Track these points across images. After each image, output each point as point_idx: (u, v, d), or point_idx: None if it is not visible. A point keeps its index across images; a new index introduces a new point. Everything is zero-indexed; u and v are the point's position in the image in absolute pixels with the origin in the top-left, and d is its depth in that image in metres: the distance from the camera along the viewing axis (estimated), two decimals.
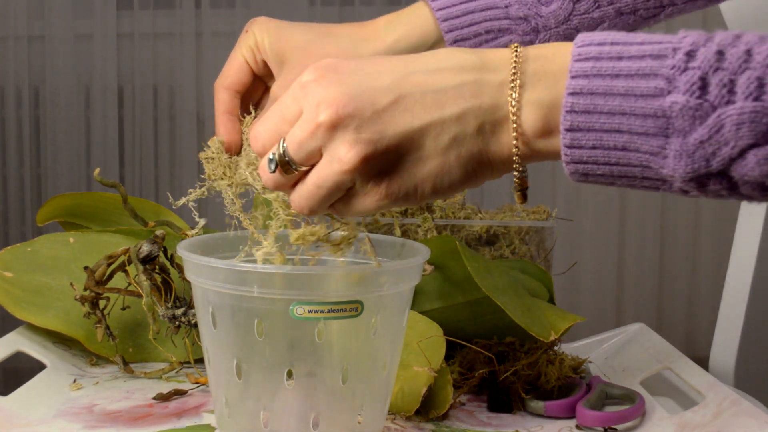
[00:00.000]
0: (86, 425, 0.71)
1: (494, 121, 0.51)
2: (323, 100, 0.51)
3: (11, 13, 2.58)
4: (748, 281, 1.03)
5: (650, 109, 0.46)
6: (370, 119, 0.50)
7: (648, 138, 0.47)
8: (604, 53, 0.48)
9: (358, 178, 0.52)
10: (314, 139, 0.51)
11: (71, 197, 0.97)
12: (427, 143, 0.51)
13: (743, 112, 0.44)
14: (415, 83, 0.51)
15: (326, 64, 0.52)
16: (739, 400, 0.73)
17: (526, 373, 0.78)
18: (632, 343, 0.94)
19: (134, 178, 2.62)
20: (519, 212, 0.97)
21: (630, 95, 0.47)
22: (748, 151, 0.45)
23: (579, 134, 0.48)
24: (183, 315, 0.78)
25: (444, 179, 0.52)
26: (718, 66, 0.45)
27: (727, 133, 0.45)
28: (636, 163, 0.48)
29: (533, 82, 0.50)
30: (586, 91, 0.48)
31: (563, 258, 2.54)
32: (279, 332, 0.61)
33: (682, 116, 0.46)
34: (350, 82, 0.51)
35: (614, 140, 0.48)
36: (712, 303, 2.67)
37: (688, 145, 0.46)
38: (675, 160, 0.47)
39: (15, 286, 0.87)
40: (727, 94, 0.45)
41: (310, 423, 0.62)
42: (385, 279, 0.61)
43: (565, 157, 0.49)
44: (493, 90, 0.51)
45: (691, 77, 0.46)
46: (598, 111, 0.48)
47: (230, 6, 2.63)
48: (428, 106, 0.51)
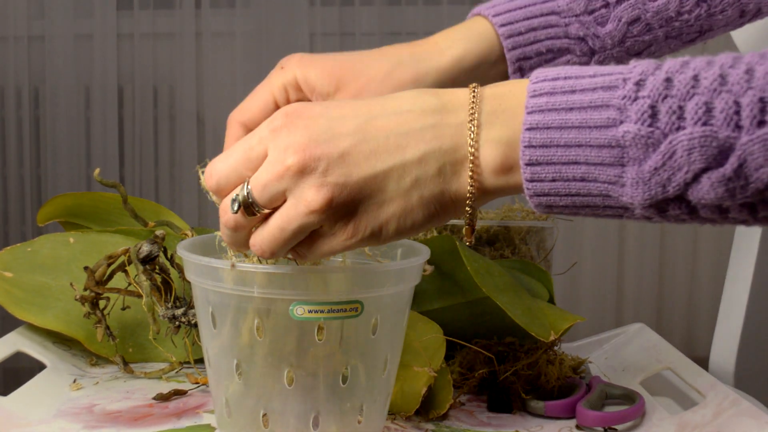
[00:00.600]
0: (86, 425, 0.71)
1: (454, 162, 0.52)
2: (291, 145, 0.52)
3: (11, 13, 2.58)
4: (748, 281, 1.03)
5: (604, 140, 0.47)
6: (336, 163, 0.52)
7: (605, 168, 0.48)
8: (557, 88, 0.50)
9: (325, 221, 0.52)
10: (281, 182, 0.52)
11: (72, 197, 0.97)
12: (390, 186, 0.52)
13: (693, 137, 0.45)
14: (378, 127, 0.53)
15: (295, 110, 0.54)
16: (739, 400, 0.73)
17: (526, 373, 0.78)
18: (632, 343, 0.94)
19: (134, 178, 2.62)
20: (519, 212, 0.97)
21: (584, 127, 0.48)
22: (701, 175, 0.46)
23: (538, 168, 0.50)
24: (183, 315, 0.78)
25: (407, 220, 0.53)
26: (667, 93, 0.46)
27: (680, 158, 0.46)
28: (596, 192, 0.49)
29: (491, 120, 0.51)
30: (542, 126, 0.49)
31: (563, 258, 2.54)
32: (279, 332, 0.61)
33: (635, 145, 0.47)
34: (317, 127, 0.52)
35: (572, 172, 0.49)
36: (712, 303, 2.67)
37: (644, 173, 0.47)
38: (632, 188, 0.48)
39: (15, 286, 0.87)
40: (677, 121, 0.46)
41: (310, 423, 0.62)
42: (385, 279, 0.61)
43: (527, 190, 0.51)
44: (452, 131, 0.52)
45: (641, 106, 0.47)
46: (555, 144, 0.49)
47: (230, 6, 2.63)
48: (391, 150, 0.52)
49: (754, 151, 0.44)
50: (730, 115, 0.44)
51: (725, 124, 0.45)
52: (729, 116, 0.44)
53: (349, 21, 2.63)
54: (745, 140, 0.44)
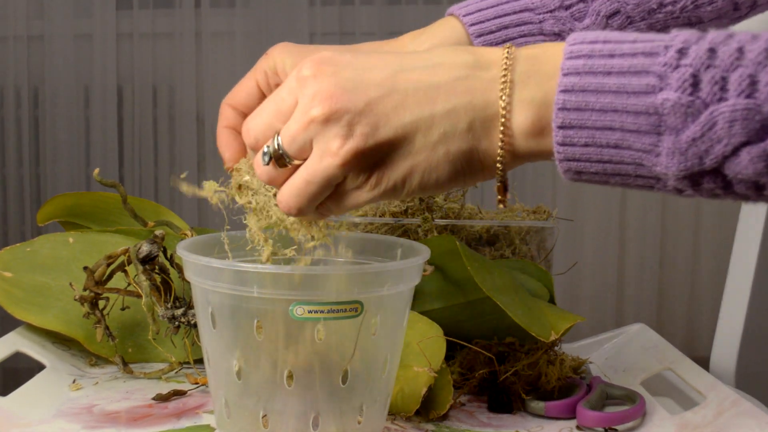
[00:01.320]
0: (86, 425, 0.71)
1: (485, 118, 0.51)
2: (317, 94, 0.51)
3: (11, 13, 2.58)
4: (748, 281, 1.02)
5: (642, 106, 0.46)
6: (363, 113, 0.51)
7: (640, 135, 0.47)
8: (596, 51, 0.48)
9: (349, 171, 0.52)
10: (307, 132, 0.52)
11: (72, 197, 0.97)
12: (418, 138, 0.51)
13: (735, 109, 0.44)
14: (407, 79, 0.52)
15: (322, 57, 0.53)
16: (740, 400, 0.72)
17: (526, 374, 0.78)
18: (632, 344, 0.94)
19: (134, 178, 2.62)
20: (519, 212, 0.97)
21: (622, 92, 0.47)
22: (741, 148, 0.45)
23: (571, 131, 0.48)
24: (183, 315, 0.77)
25: (432, 174, 0.52)
26: (710, 63, 0.45)
27: (720, 130, 0.45)
28: (629, 160, 0.48)
29: (524, 80, 0.50)
30: (578, 89, 0.48)
31: (563, 258, 2.54)
32: (279, 332, 0.61)
33: (674, 113, 0.46)
34: (345, 76, 0.52)
35: (606, 138, 0.48)
36: (713, 303, 2.67)
37: (681, 143, 0.46)
38: (668, 158, 0.46)
39: (14, 286, 0.86)
40: (720, 92, 0.45)
41: (310, 423, 0.62)
42: (385, 279, 0.61)
43: (558, 154, 0.49)
44: (484, 86, 0.51)
45: (682, 74, 0.45)
46: (590, 108, 0.47)
47: (230, 6, 2.63)
48: (420, 102, 0.51)
49: None
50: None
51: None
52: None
53: (349, 21, 2.63)
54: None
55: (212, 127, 2.61)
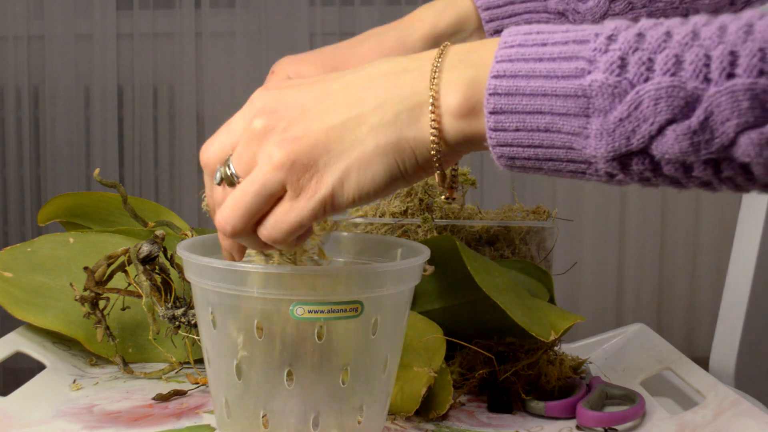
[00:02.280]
0: (86, 425, 0.71)
1: (413, 106, 0.51)
2: (259, 110, 0.54)
3: (11, 13, 2.58)
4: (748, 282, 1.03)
5: (571, 89, 0.47)
6: (297, 119, 0.52)
7: (569, 118, 0.47)
8: (528, 40, 0.49)
9: (286, 178, 0.52)
10: (250, 146, 0.53)
11: (72, 197, 0.97)
12: (348, 136, 0.52)
13: (660, 87, 0.45)
14: (342, 85, 0.53)
15: (273, 84, 0.55)
16: (740, 400, 0.72)
17: (526, 374, 0.78)
18: (632, 344, 0.94)
19: (134, 178, 2.62)
20: (519, 212, 0.97)
21: (552, 77, 0.47)
22: (666, 127, 0.45)
23: (502, 117, 0.49)
24: (183, 315, 0.78)
25: (367, 172, 0.52)
26: (638, 46, 0.46)
27: (646, 109, 0.45)
28: (559, 144, 0.48)
29: (455, 65, 0.51)
30: (509, 74, 0.48)
31: (563, 258, 2.54)
32: (279, 332, 0.61)
33: (601, 94, 0.46)
34: (286, 92, 0.54)
35: (536, 121, 0.48)
36: (713, 303, 2.67)
37: (608, 124, 0.46)
38: (596, 140, 0.47)
39: (15, 287, 0.86)
40: (646, 72, 0.45)
41: (310, 423, 0.62)
42: (385, 279, 0.61)
43: (490, 140, 0.50)
44: (413, 78, 0.52)
45: (610, 57, 0.46)
46: (521, 93, 0.48)
47: (230, 6, 2.64)
48: (350, 103, 0.52)
49: (721, 103, 0.43)
50: (699, 67, 0.44)
51: (694, 75, 0.44)
52: (698, 68, 0.44)
53: (349, 21, 2.63)
54: (712, 92, 0.43)
55: (212, 127, 2.60)
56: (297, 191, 0.52)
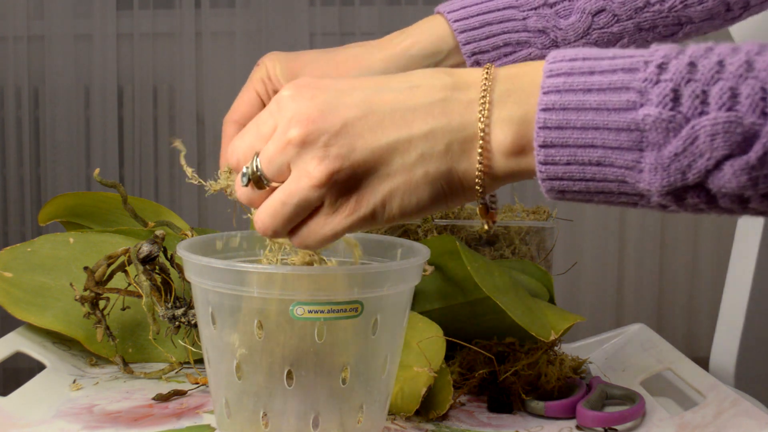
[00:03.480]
0: (86, 426, 0.71)
1: (463, 140, 0.50)
2: (294, 116, 0.51)
3: (11, 13, 2.58)
4: (748, 281, 1.03)
5: (623, 123, 0.46)
6: (339, 134, 0.51)
7: (622, 152, 0.46)
8: (575, 68, 0.48)
9: (326, 195, 0.51)
10: (284, 154, 0.52)
11: (73, 197, 0.97)
12: (395, 160, 0.51)
13: (717, 122, 0.44)
14: (385, 100, 0.51)
15: (303, 81, 0.53)
16: (740, 400, 0.72)
17: (526, 374, 0.78)
18: (632, 344, 0.94)
19: (134, 178, 2.62)
20: (519, 212, 0.97)
21: (602, 109, 0.46)
22: (723, 162, 0.44)
23: (553, 150, 0.48)
24: (183, 315, 0.78)
25: (412, 197, 0.51)
26: (690, 77, 0.45)
27: (702, 144, 0.44)
28: (612, 178, 0.47)
29: (503, 99, 0.50)
30: (559, 107, 0.47)
31: (563, 258, 2.54)
32: (279, 332, 0.61)
33: (655, 129, 0.45)
34: (322, 98, 0.52)
35: (588, 155, 0.47)
36: (713, 303, 2.67)
37: (663, 158, 0.45)
38: (650, 174, 0.46)
39: (15, 287, 0.86)
40: (700, 105, 0.44)
41: (310, 423, 0.62)
42: (385, 279, 0.61)
43: (540, 174, 0.49)
44: (462, 108, 0.51)
45: (663, 89, 0.45)
46: (571, 126, 0.47)
47: (230, 6, 2.64)
48: (397, 123, 0.51)
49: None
50: (756, 101, 0.43)
51: (751, 110, 0.43)
52: (755, 102, 0.43)
53: (349, 21, 2.63)
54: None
55: (212, 127, 2.61)
56: (335, 208, 0.52)
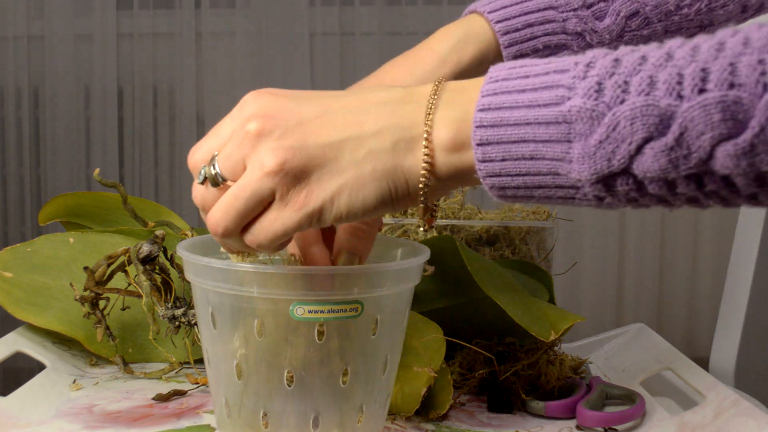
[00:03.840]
0: (86, 426, 0.71)
1: (409, 138, 0.53)
2: (254, 113, 0.54)
3: (11, 13, 2.58)
4: (748, 281, 1.03)
5: (552, 116, 0.48)
6: (293, 130, 0.53)
7: (552, 144, 0.48)
8: (512, 74, 0.51)
9: (278, 186, 0.53)
10: (240, 149, 0.53)
11: (73, 197, 0.97)
12: (345, 156, 0.53)
13: (635, 107, 0.46)
14: (340, 105, 0.54)
15: (266, 89, 0.56)
16: (740, 400, 0.73)
17: (526, 374, 0.78)
18: (632, 344, 0.94)
19: (134, 178, 2.62)
20: (519, 212, 0.97)
21: (534, 106, 0.49)
22: (644, 145, 0.46)
23: (489, 147, 0.50)
24: (183, 315, 0.78)
25: (359, 194, 0.53)
26: (614, 71, 0.47)
27: (623, 129, 0.46)
28: (545, 171, 0.49)
29: (448, 104, 0.53)
30: (494, 107, 0.50)
31: (563, 258, 2.54)
32: (279, 332, 0.61)
33: (580, 119, 0.47)
34: (282, 100, 0.54)
35: (521, 150, 0.49)
36: (713, 303, 2.67)
37: (589, 147, 0.47)
38: (579, 164, 0.48)
39: (15, 287, 0.87)
40: (621, 94, 0.46)
41: (310, 423, 0.62)
42: (385, 279, 0.61)
43: (479, 171, 0.51)
44: (410, 111, 0.53)
45: (589, 83, 0.47)
46: (505, 123, 0.50)
47: (230, 6, 2.63)
48: (349, 123, 0.53)
49: (695, 117, 0.44)
50: (672, 86, 0.45)
51: (667, 93, 0.45)
52: (671, 86, 0.45)
53: (349, 21, 2.63)
54: (685, 107, 0.44)
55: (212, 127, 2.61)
56: (285, 201, 0.53)
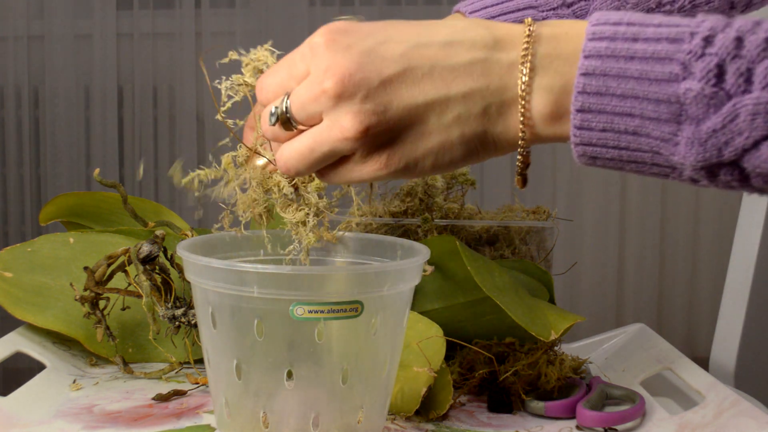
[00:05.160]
0: (86, 426, 0.71)
1: (501, 103, 0.50)
2: (330, 67, 0.50)
3: (11, 13, 2.58)
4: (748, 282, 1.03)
5: (664, 95, 0.46)
6: (376, 91, 0.50)
7: (660, 124, 0.46)
8: (619, 34, 0.47)
9: (358, 148, 0.51)
10: (318, 103, 0.51)
11: (74, 197, 0.97)
12: (431, 119, 0.50)
13: (759, 102, 0.44)
14: (425, 56, 0.50)
15: (338, 27, 0.51)
16: (739, 400, 0.73)
17: (526, 374, 0.78)
18: (632, 344, 0.94)
19: (134, 178, 2.62)
20: (519, 212, 0.97)
21: (644, 79, 0.46)
22: (762, 142, 0.44)
23: (589, 115, 0.48)
24: (183, 315, 0.78)
25: (445, 155, 0.51)
26: (736, 53, 0.44)
27: (742, 123, 0.44)
28: (646, 148, 0.47)
29: (544, 65, 0.49)
30: (599, 72, 0.47)
31: (563, 258, 2.54)
32: (279, 332, 0.61)
33: (696, 104, 0.45)
34: (360, 49, 0.50)
35: (625, 124, 0.47)
36: (712, 303, 2.67)
37: (701, 133, 0.45)
38: (686, 148, 0.46)
39: (15, 287, 0.86)
40: (744, 84, 0.44)
41: (310, 423, 0.62)
42: (385, 279, 0.61)
43: (574, 138, 0.49)
44: (502, 70, 0.50)
45: (707, 64, 0.45)
46: (611, 93, 0.47)
47: (230, 6, 2.63)
48: (435, 82, 0.50)
49: None
50: None
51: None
52: None
53: None
54: None
55: (212, 127, 2.61)
56: (366, 159, 0.51)
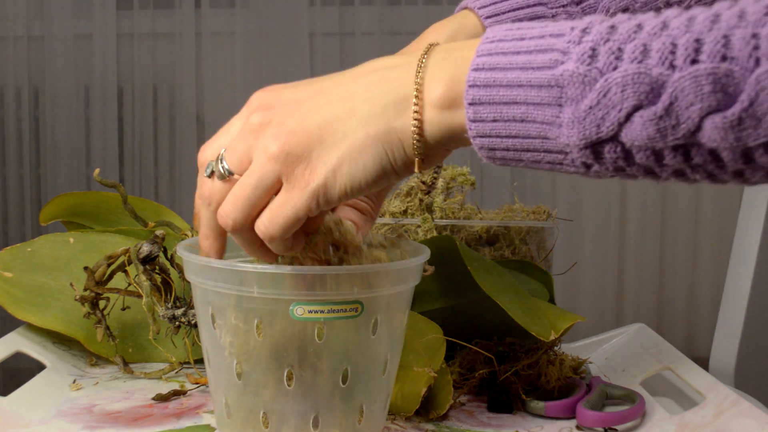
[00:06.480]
0: (86, 425, 0.71)
1: (399, 99, 0.53)
2: (256, 107, 0.56)
3: (11, 13, 2.58)
4: (748, 282, 1.03)
5: (544, 79, 0.48)
6: (292, 113, 0.54)
7: (543, 108, 0.49)
8: (508, 35, 0.51)
9: (282, 169, 0.54)
10: (245, 141, 0.55)
11: (74, 197, 0.97)
12: (339, 128, 0.54)
13: (627, 74, 0.46)
14: (335, 82, 0.55)
15: (272, 86, 0.57)
16: (740, 400, 0.73)
17: (526, 374, 0.78)
18: (632, 344, 0.94)
19: (134, 178, 2.62)
20: (519, 212, 0.97)
21: (527, 68, 0.49)
22: (633, 113, 0.46)
23: (480, 107, 0.50)
24: (183, 315, 0.78)
25: (358, 161, 0.53)
26: (609, 37, 0.47)
27: (614, 96, 0.46)
28: (534, 134, 0.49)
29: (439, 62, 0.53)
30: (488, 67, 0.50)
31: (563, 258, 2.54)
32: (279, 332, 0.61)
33: (572, 83, 0.47)
34: (282, 90, 0.56)
35: (512, 112, 0.50)
36: (712, 303, 2.67)
37: (579, 112, 0.47)
38: (569, 129, 0.48)
39: (15, 287, 0.87)
40: (615, 61, 0.46)
41: (310, 423, 0.62)
42: (385, 279, 0.61)
43: (470, 131, 0.51)
44: (400, 74, 0.54)
45: (583, 48, 0.47)
46: (498, 84, 0.50)
47: (230, 6, 2.63)
48: (343, 97, 0.54)
49: (685, 88, 0.44)
50: (665, 55, 0.45)
51: (660, 62, 0.45)
52: (664, 56, 0.45)
53: (349, 21, 2.63)
54: (676, 77, 0.45)
55: (212, 127, 2.61)
56: (292, 183, 0.54)
